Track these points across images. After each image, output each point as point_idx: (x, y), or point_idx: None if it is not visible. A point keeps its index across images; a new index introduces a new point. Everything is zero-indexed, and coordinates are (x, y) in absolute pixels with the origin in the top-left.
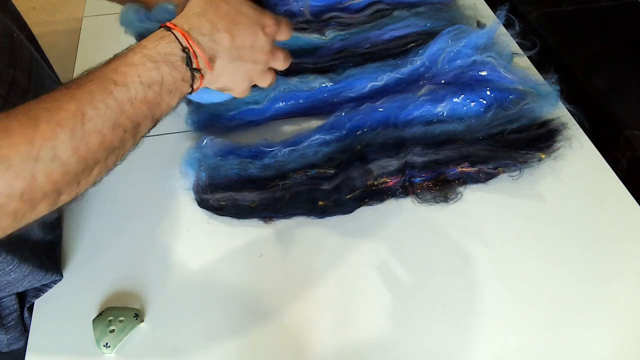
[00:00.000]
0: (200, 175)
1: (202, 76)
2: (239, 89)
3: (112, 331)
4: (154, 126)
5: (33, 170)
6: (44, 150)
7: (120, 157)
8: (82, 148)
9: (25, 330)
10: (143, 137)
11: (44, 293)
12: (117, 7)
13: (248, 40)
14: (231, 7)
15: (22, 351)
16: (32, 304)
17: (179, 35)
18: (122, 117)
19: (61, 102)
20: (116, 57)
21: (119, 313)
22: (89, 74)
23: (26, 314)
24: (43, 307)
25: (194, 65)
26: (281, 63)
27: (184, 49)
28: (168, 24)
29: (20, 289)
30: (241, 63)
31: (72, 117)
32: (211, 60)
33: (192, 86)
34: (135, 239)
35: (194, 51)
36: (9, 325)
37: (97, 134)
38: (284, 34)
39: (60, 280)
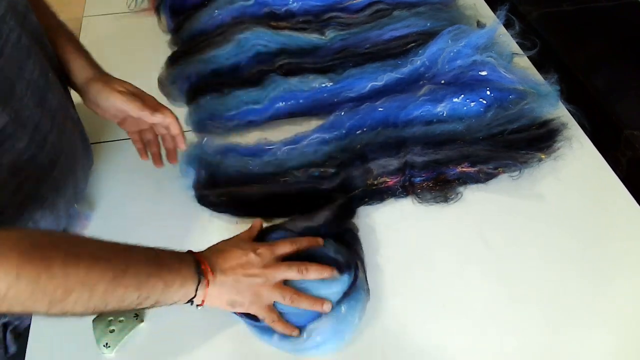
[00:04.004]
0: (201, 173)
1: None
2: (248, 303)
3: (112, 331)
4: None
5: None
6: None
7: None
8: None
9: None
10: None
11: None
12: (117, 7)
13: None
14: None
15: (23, 351)
16: None
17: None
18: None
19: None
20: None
21: (119, 313)
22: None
23: None
24: None
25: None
26: (285, 274)
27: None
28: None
29: None
30: (238, 280)
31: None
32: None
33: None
34: (136, 237)
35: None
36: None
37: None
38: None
39: None
